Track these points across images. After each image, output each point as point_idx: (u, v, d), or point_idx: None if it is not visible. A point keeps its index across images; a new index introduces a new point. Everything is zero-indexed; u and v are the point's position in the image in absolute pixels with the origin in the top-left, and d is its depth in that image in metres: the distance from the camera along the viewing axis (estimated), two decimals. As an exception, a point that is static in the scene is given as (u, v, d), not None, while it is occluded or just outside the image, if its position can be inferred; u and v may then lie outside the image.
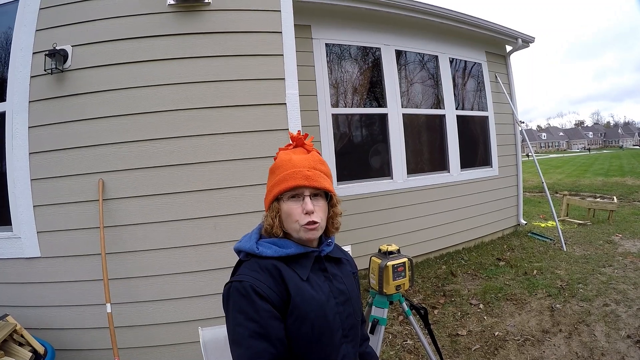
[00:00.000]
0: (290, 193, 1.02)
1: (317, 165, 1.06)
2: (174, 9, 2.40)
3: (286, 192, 1.02)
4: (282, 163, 1.06)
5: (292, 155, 1.07)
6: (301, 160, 1.05)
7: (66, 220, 2.33)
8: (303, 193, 1.02)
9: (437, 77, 5.03)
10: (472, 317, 3.11)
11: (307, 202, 1.01)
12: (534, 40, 5.79)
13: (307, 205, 1.01)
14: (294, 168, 1.03)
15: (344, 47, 4.41)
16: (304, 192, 1.02)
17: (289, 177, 1.02)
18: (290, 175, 1.02)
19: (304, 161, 1.05)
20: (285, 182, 1.02)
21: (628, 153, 43.82)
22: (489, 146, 5.54)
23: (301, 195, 1.02)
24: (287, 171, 1.03)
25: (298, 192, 1.02)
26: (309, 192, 1.03)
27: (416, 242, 4.56)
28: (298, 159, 1.06)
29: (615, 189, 10.65)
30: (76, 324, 2.33)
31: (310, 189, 1.03)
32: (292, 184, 1.01)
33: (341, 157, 4.25)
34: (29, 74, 2.36)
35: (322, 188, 1.04)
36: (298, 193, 1.02)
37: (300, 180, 1.01)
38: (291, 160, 1.05)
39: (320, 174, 1.05)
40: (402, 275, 1.87)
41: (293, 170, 1.03)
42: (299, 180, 1.01)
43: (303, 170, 1.03)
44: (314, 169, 1.04)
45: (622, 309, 3.02)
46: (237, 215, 2.43)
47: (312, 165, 1.05)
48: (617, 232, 5.57)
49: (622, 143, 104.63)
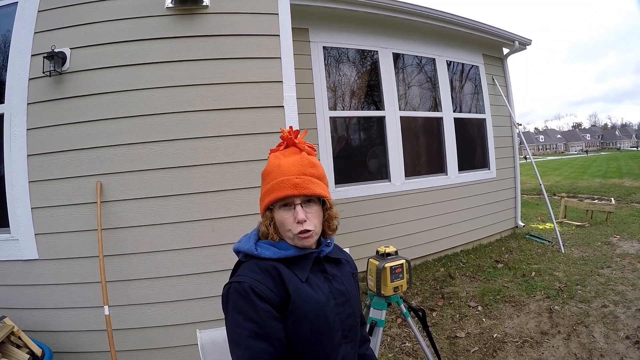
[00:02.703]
0: (281, 202, 1.00)
1: (306, 170, 1.03)
2: (172, 12, 2.41)
3: (276, 202, 1.01)
4: (271, 169, 1.04)
5: (281, 160, 1.04)
6: (290, 165, 1.02)
7: (64, 223, 2.33)
8: (294, 202, 1.00)
9: (435, 80, 5.05)
10: (470, 319, 3.10)
11: (298, 211, 0.99)
12: (531, 42, 5.83)
13: (299, 214, 0.99)
14: (282, 176, 1.00)
15: (341, 50, 4.43)
16: (295, 201, 1.00)
17: (277, 187, 1.00)
18: (278, 184, 1.00)
19: (292, 167, 1.02)
20: (275, 192, 1.00)
21: (626, 155, 43.92)
22: (487, 149, 5.56)
23: (292, 204, 1.00)
24: (276, 180, 1.01)
25: (288, 202, 1.00)
26: (300, 200, 1.00)
27: (414, 245, 4.56)
28: (287, 164, 1.03)
29: (613, 190, 10.65)
30: (74, 326, 2.33)
31: (300, 197, 1.00)
32: (280, 194, 0.99)
33: (339, 160, 4.25)
34: (27, 76, 2.36)
35: (312, 195, 1.01)
36: (289, 202, 1.00)
37: (289, 190, 0.99)
38: (280, 166, 1.02)
39: (311, 179, 1.02)
40: (400, 277, 1.87)
41: (282, 178, 1.00)
42: (287, 189, 0.99)
43: (291, 178, 1.00)
44: (303, 175, 1.01)
45: (620, 310, 3.02)
46: (234, 218, 2.43)
47: (301, 171, 1.02)
48: (615, 233, 5.58)
49: (619, 145, 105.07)
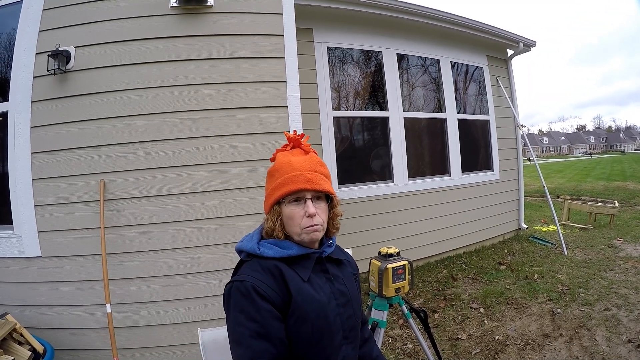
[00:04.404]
0: (292, 197, 1.01)
1: (317, 168, 1.05)
2: (177, 11, 2.41)
3: (288, 196, 1.01)
4: (281, 166, 1.05)
5: (290, 158, 1.05)
6: (301, 162, 1.04)
7: (67, 220, 2.34)
8: (305, 196, 1.01)
9: (439, 81, 5.04)
10: (472, 321, 3.09)
11: (309, 205, 1.00)
12: (535, 44, 5.81)
13: (310, 208, 1.00)
14: (294, 171, 1.02)
15: (345, 50, 4.43)
16: (306, 196, 1.01)
17: (290, 181, 1.01)
18: (291, 178, 1.01)
19: (303, 163, 1.04)
20: (287, 186, 1.01)
21: (630, 157, 43.69)
22: (490, 150, 5.54)
23: (303, 198, 1.01)
24: (288, 174, 1.02)
25: (300, 196, 1.01)
26: (311, 195, 1.02)
27: (417, 246, 4.55)
28: (297, 161, 1.04)
29: (616, 193, 10.60)
30: (76, 323, 2.33)
31: (312, 192, 1.02)
32: (293, 187, 1.00)
33: (342, 161, 4.25)
34: (32, 74, 2.37)
35: (323, 190, 1.03)
36: (300, 196, 1.01)
37: (302, 184, 1.00)
38: (290, 162, 1.04)
39: (321, 176, 1.04)
40: (402, 278, 1.86)
41: (294, 173, 1.01)
42: (300, 183, 1.00)
43: (304, 173, 1.02)
44: (314, 172, 1.03)
45: (623, 313, 3.01)
46: (237, 217, 2.43)
47: (313, 168, 1.04)
48: (619, 236, 5.55)
49: (623, 147, 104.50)
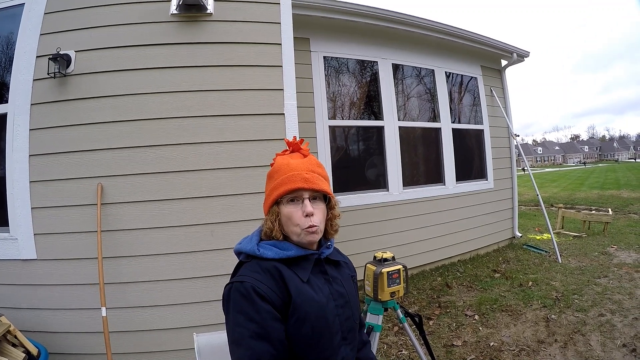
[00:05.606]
0: (290, 196, 1.02)
1: (315, 169, 1.07)
2: (177, 19, 2.46)
3: (285, 195, 1.02)
4: (280, 167, 1.06)
5: (289, 160, 1.07)
6: (299, 164, 1.06)
7: (64, 223, 2.34)
8: (302, 196, 1.02)
9: (434, 91, 5.11)
10: (467, 327, 3.10)
11: (306, 204, 1.01)
12: (529, 54, 5.91)
13: (307, 207, 1.00)
14: (292, 171, 1.03)
15: (341, 60, 4.49)
16: (303, 195, 1.02)
17: (288, 180, 1.02)
18: (288, 178, 1.02)
19: (301, 165, 1.05)
20: (284, 185, 1.02)
21: (623, 166, 44.17)
22: (485, 159, 5.60)
23: (300, 198, 1.02)
24: (286, 174, 1.03)
25: (297, 195, 1.02)
26: (308, 194, 1.02)
27: (412, 254, 4.56)
28: (296, 162, 1.06)
29: (610, 201, 10.70)
30: (71, 327, 2.32)
31: (310, 191, 1.02)
32: (291, 186, 1.01)
33: (338, 169, 4.28)
34: (31, 77, 2.39)
35: (321, 190, 1.04)
36: (297, 196, 1.02)
37: (299, 183, 1.01)
38: (289, 164, 1.05)
39: (319, 177, 1.05)
40: (397, 282, 1.88)
41: (292, 173, 1.03)
42: (297, 183, 1.01)
43: (302, 173, 1.03)
44: (312, 172, 1.05)
45: (617, 318, 3.03)
46: (234, 223, 2.44)
47: (310, 169, 1.05)
48: (613, 243, 5.60)
49: (617, 156, 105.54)
